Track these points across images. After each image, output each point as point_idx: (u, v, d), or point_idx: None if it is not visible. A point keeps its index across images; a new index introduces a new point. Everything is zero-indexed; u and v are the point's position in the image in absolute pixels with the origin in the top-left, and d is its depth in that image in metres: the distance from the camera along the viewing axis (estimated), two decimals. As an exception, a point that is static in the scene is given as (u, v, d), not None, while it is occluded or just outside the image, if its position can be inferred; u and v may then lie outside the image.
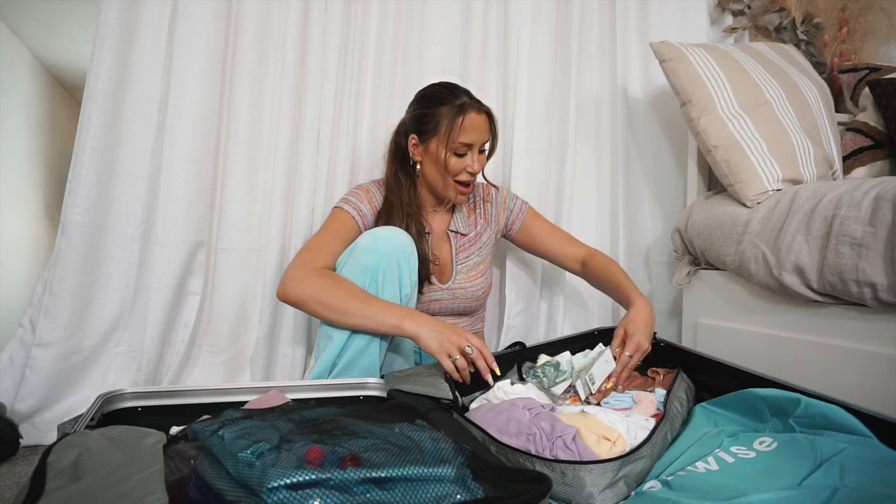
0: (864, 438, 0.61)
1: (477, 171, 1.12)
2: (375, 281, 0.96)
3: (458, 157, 1.10)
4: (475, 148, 1.10)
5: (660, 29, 1.58)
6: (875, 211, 0.88)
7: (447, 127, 1.08)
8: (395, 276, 0.98)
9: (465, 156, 1.10)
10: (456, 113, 1.07)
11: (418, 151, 1.14)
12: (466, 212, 1.26)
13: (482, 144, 1.12)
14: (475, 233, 1.24)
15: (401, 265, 0.98)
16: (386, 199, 1.15)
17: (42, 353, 1.09)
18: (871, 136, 1.39)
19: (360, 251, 0.97)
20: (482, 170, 1.16)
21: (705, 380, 0.91)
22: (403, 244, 0.99)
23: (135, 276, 1.20)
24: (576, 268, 1.24)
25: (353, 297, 0.94)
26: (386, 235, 0.99)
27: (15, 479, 0.90)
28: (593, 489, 0.59)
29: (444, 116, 1.08)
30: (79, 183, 1.13)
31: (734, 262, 1.14)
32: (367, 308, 0.93)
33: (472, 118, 1.08)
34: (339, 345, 0.96)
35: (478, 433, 0.69)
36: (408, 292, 1.00)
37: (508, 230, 1.29)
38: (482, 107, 1.11)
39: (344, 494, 0.43)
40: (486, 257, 1.25)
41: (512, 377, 0.99)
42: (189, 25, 1.21)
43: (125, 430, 0.60)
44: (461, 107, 1.08)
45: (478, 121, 1.09)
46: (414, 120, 1.13)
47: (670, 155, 1.58)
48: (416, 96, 1.16)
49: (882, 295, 0.87)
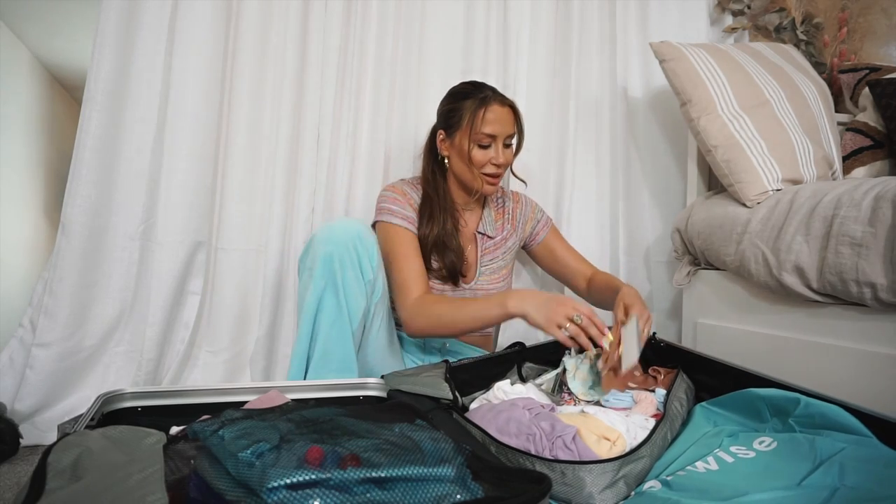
0: (864, 438, 0.61)
1: (502, 164, 1.14)
2: (333, 269, 0.97)
3: (482, 149, 1.12)
4: (499, 140, 1.12)
5: (660, 29, 1.58)
6: (875, 211, 0.88)
7: (469, 118, 1.10)
8: (355, 262, 0.99)
9: (489, 147, 1.12)
10: (478, 105, 1.10)
11: (445, 146, 1.17)
12: (495, 216, 1.28)
13: (507, 137, 1.13)
14: (501, 237, 1.27)
15: (358, 250, 1.00)
16: (425, 194, 1.18)
17: (42, 353, 1.09)
18: (871, 136, 1.39)
19: (317, 242, 1.00)
20: (509, 165, 1.18)
21: (705, 380, 0.91)
22: (358, 230, 1.02)
23: (135, 276, 1.20)
24: (583, 285, 1.26)
25: (455, 309, 1.02)
26: (341, 224, 1.02)
27: (15, 479, 0.90)
28: (593, 489, 0.59)
29: (468, 109, 1.11)
30: (79, 183, 1.13)
31: (734, 262, 1.14)
32: (470, 312, 1.00)
33: (494, 109, 1.10)
34: (306, 337, 0.98)
35: (478, 433, 0.69)
36: (370, 277, 1.02)
37: (531, 240, 1.31)
38: (506, 100, 1.13)
39: (344, 494, 0.43)
40: (509, 263, 1.28)
41: (512, 377, 0.99)
42: (189, 25, 1.21)
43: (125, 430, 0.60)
44: (484, 99, 1.11)
45: (501, 112, 1.11)
46: (442, 116, 1.17)
47: (670, 155, 1.58)
48: (445, 95, 1.19)
49: (882, 295, 0.87)
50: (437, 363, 0.91)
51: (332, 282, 0.97)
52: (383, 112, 1.39)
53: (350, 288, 0.99)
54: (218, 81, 1.25)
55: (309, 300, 0.98)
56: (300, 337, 0.99)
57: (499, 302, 0.96)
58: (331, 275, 0.97)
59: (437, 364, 0.90)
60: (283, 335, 1.30)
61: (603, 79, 1.60)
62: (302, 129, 1.32)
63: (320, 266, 0.97)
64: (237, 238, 1.29)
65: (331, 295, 0.98)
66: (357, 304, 1.00)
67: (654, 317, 1.54)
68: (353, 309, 0.99)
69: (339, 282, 0.98)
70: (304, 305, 0.99)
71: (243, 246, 1.29)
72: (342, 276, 0.98)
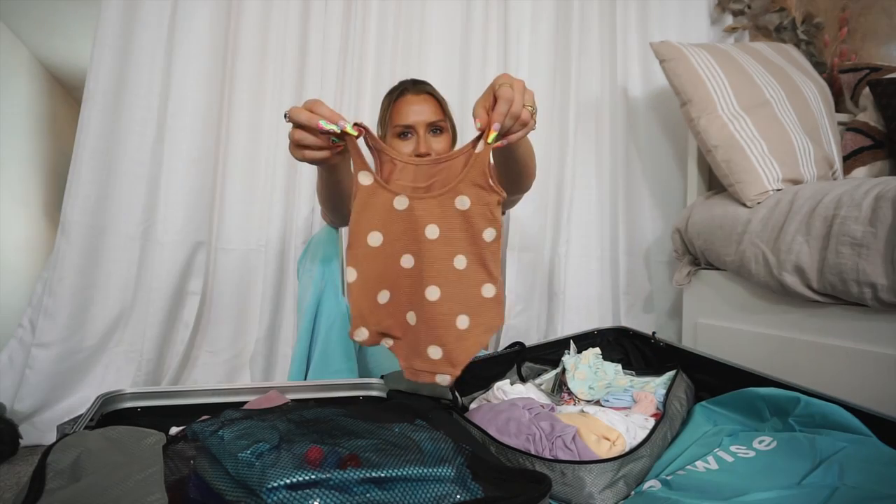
0: (864, 437, 0.61)
1: (427, 153, 1.05)
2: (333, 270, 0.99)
3: (403, 140, 1.06)
4: (419, 129, 1.05)
5: (660, 29, 1.58)
6: (875, 211, 0.88)
7: (387, 114, 1.08)
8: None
9: (409, 138, 1.05)
10: (394, 98, 1.08)
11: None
12: None
13: (430, 125, 1.06)
14: None
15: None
16: None
17: (42, 353, 1.09)
18: (871, 136, 1.39)
19: (317, 243, 1.02)
20: (442, 151, 1.08)
21: (705, 379, 0.91)
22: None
23: (135, 276, 1.20)
24: None
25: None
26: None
27: (15, 479, 0.90)
28: (593, 489, 0.58)
29: (384, 106, 1.10)
30: (79, 183, 1.13)
31: (734, 262, 1.14)
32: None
33: (406, 99, 1.07)
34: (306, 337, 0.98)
35: (477, 433, 0.69)
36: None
37: None
38: (423, 87, 1.09)
39: (344, 494, 0.43)
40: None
41: (512, 377, 0.99)
42: (189, 25, 1.21)
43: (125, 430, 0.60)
44: (400, 91, 1.08)
45: (414, 101, 1.06)
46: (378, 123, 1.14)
47: (670, 155, 1.58)
48: None
49: (882, 295, 0.87)
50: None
51: (332, 282, 0.97)
52: (383, 112, 1.39)
53: None
54: (218, 82, 1.25)
55: (309, 301, 0.98)
56: (300, 337, 0.99)
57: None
58: (330, 275, 0.97)
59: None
60: (283, 335, 1.30)
61: (603, 79, 1.61)
62: (302, 129, 1.32)
63: (320, 266, 0.97)
64: (237, 238, 1.29)
65: (330, 295, 0.98)
66: None
67: (654, 317, 1.55)
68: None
69: (339, 282, 0.98)
70: (304, 306, 0.99)
71: (243, 246, 1.29)
72: (342, 276, 0.98)
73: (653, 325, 1.49)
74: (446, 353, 0.66)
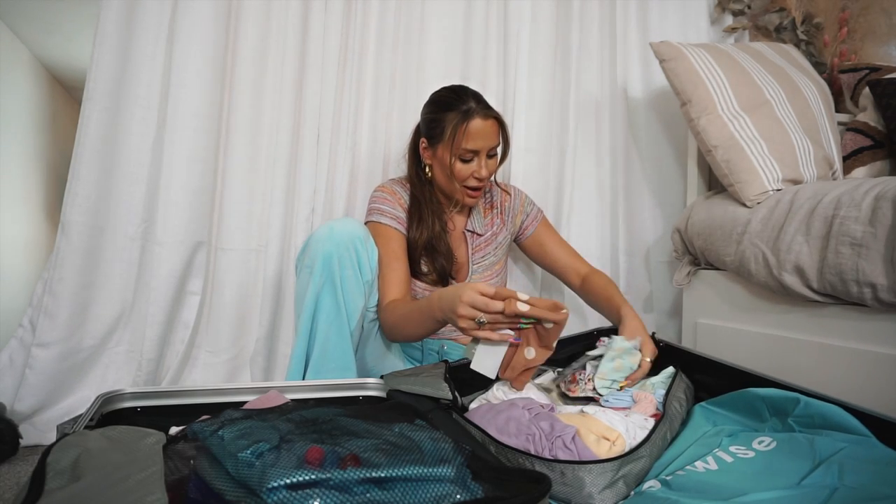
0: (863, 438, 0.61)
1: (485, 177, 1.12)
2: (332, 268, 0.97)
3: (464, 163, 1.10)
4: (482, 153, 1.10)
5: (660, 29, 1.58)
6: (875, 211, 0.88)
7: (451, 133, 1.08)
8: (355, 262, 0.99)
9: (471, 161, 1.10)
10: (461, 119, 1.07)
11: (428, 155, 1.16)
12: (483, 211, 1.27)
13: (490, 150, 1.11)
14: (491, 233, 1.26)
15: (358, 250, 0.99)
16: (413, 196, 1.18)
17: (42, 353, 1.09)
18: (871, 136, 1.39)
19: (316, 241, 0.99)
20: (492, 174, 1.16)
21: (704, 380, 0.91)
22: (358, 231, 1.01)
23: (135, 277, 1.20)
24: (576, 282, 1.24)
25: (404, 320, 0.98)
26: (342, 224, 1.01)
27: (15, 479, 0.90)
28: (592, 489, 0.59)
29: (450, 122, 1.08)
30: (79, 183, 1.13)
31: (734, 262, 1.14)
32: (414, 324, 0.96)
33: (476, 124, 1.08)
34: (305, 336, 0.98)
35: (477, 433, 0.69)
36: (370, 278, 1.02)
37: (521, 234, 1.30)
38: (489, 112, 1.10)
39: (344, 494, 0.43)
40: (501, 257, 1.27)
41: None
42: (189, 25, 1.21)
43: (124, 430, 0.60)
44: (466, 113, 1.08)
45: (484, 126, 1.08)
46: (424, 124, 1.15)
47: (670, 155, 1.58)
48: (427, 100, 1.17)
49: (882, 295, 0.87)
50: (437, 363, 0.91)
51: (331, 280, 0.97)
52: (383, 112, 1.39)
53: (348, 287, 0.99)
54: (218, 81, 1.25)
55: (307, 299, 0.98)
56: (299, 336, 0.99)
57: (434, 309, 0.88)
58: (329, 273, 0.97)
59: (437, 364, 0.90)
60: (282, 335, 1.30)
61: (603, 79, 1.61)
62: (302, 129, 1.32)
63: (319, 264, 0.97)
64: (237, 238, 1.29)
65: (329, 293, 0.97)
66: (355, 303, 1.00)
67: (654, 317, 1.55)
68: (351, 308, 0.99)
69: (338, 280, 0.97)
70: (303, 304, 0.99)
71: (243, 246, 1.29)
72: (341, 274, 0.98)
73: (653, 325, 1.50)
74: None
